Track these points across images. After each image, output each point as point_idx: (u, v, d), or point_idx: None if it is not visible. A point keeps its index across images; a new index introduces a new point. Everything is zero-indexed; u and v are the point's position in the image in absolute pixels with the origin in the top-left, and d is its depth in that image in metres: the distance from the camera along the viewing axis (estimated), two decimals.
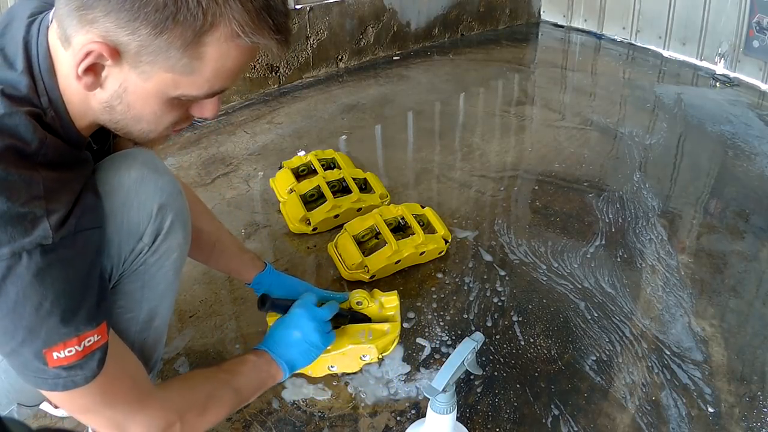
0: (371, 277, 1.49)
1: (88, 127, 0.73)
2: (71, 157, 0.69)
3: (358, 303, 1.24)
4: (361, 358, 1.19)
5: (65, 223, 0.62)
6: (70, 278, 0.63)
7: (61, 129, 0.68)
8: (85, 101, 0.68)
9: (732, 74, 3.03)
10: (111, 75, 0.64)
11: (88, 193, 0.69)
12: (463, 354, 0.94)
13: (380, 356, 1.21)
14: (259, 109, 2.53)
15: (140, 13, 0.58)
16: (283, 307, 1.08)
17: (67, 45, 0.64)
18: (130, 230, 0.78)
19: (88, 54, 0.61)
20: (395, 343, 1.25)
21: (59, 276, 0.62)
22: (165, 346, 1.28)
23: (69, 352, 0.64)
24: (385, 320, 1.24)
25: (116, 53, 0.61)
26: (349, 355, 1.18)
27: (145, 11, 0.58)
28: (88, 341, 0.65)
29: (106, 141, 0.84)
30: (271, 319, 1.20)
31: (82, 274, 0.65)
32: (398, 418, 1.14)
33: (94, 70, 0.63)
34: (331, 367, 1.20)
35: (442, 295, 1.47)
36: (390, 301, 1.26)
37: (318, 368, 1.20)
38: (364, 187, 1.83)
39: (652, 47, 3.42)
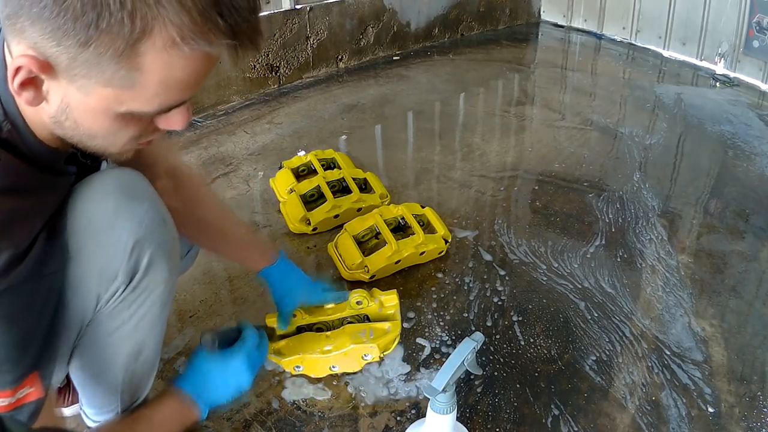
0: (371, 277, 1.49)
1: (55, 139, 0.66)
2: (32, 181, 0.63)
3: (357, 303, 1.24)
4: (362, 357, 1.19)
5: (15, 267, 0.57)
6: (7, 335, 0.58)
7: (21, 143, 0.62)
8: (37, 114, 0.62)
9: (732, 74, 3.03)
10: (52, 89, 0.58)
11: (50, 229, 0.64)
12: (463, 354, 0.94)
13: (382, 355, 1.21)
14: (259, 109, 2.53)
15: (61, 21, 0.50)
16: (228, 340, 0.98)
17: (10, 56, 0.57)
18: (102, 270, 0.72)
19: (18, 69, 0.55)
20: (396, 342, 1.25)
21: None
22: (165, 346, 1.28)
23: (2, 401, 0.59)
24: (385, 319, 1.24)
25: (48, 67, 0.54)
26: (350, 356, 1.18)
27: (65, 19, 0.50)
28: (21, 393, 0.60)
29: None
30: (270, 320, 1.20)
31: (23, 331, 0.60)
32: (398, 418, 1.14)
33: (33, 83, 0.56)
34: (333, 367, 1.20)
35: (442, 295, 1.47)
36: (389, 300, 1.26)
37: (319, 369, 1.20)
38: (364, 187, 1.83)
39: (652, 47, 3.42)
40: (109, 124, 0.61)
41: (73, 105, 0.58)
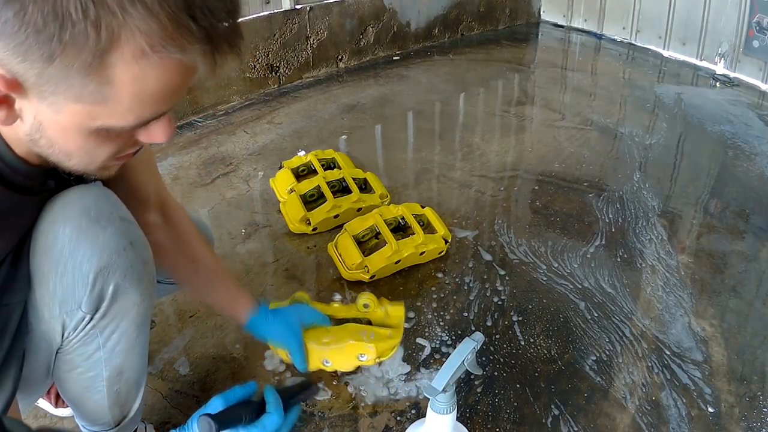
0: (371, 277, 1.49)
1: (34, 155, 0.62)
2: (2, 204, 0.61)
3: (365, 305, 1.22)
4: (358, 357, 1.16)
5: None
6: None
7: None
8: (14, 131, 0.59)
9: (732, 74, 3.03)
10: (24, 107, 0.55)
11: (16, 253, 0.62)
12: (463, 354, 0.94)
13: (378, 360, 1.18)
14: (259, 109, 2.53)
15: (23, 36, 0.47)
16: (230, 420, 0.80)
17: None
18: (65, 298, 0.69)
19: None
20: (394, 350, 1.22)
21: None
22: (165, 346, 1.29)
23: None
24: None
25: (16, 85, 0.51)
26: (347, 352, 1.16)
27: (26, 33, 0.47)
28: None
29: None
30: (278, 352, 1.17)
31: None
32: (398, 418, 1.14)
33: (5, 102, 0.53)
34: (326, 362, 1.15)
35: (442, 295, 1.47)
36: (396, 311, 1.23)
37: (311, 361, 1.14)
38: (364, 187, 1.83)
39: (652, 47, 3.42)
40: (83, 142, 0.57)
41: (45, 123, 0.56)
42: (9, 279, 0.66)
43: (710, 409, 1.17)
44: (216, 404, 0.80)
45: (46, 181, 0.70)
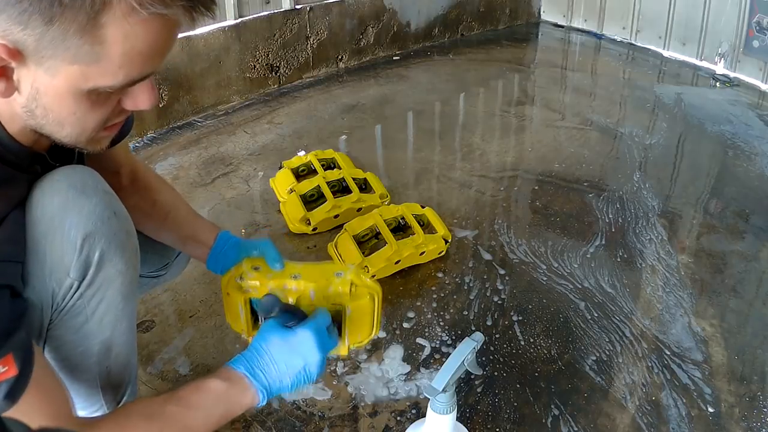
0: (371, 277, 1.49)
1: (26, 134, 0.68)
2: None
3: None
4: (334, 274, 0.97)
5: None
6: None
7: None
8: (9, 106, 0.64)
9: (732, 74, 3.03)
10: (22, 77, 0.60)
11: (9, 221, 0.65)
12: (463, 354, 0.94)
13: (357, 343, 1.01)
14: (259, 109, 2.53)
15: (26, 4, 0.53)
16: (294, 314, 0.83)
17: None
18: (53, 264, 0.73)
19: None
20: (372, 334, 1.03)
21: None
22: (166, 346, 1.29)
23: None
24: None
25: (17, 53, 0.57)
26: (320, 268, 0.98)
27: (29, 1, 0.53)
28: None
29: (69, 155, 0.79)
30: (231, 300, 0.99)
31: None
32: (398, 418, 1.14)
33: (4, 74, 0.59)
34: (295, 276, 0.95)
35: (442, 295, 1.47)
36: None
37: (278, 277, 0.96)
38: (364, 187, 1.83)
39: (652, 47, 3.42)
40: (76, 107, 0.62)
41: (42, 90, 0.60)
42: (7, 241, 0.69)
43: (710, 409, 1.17)
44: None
45: (33, 164, 0.73)
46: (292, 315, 0.83)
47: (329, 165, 1.90)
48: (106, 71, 0.59)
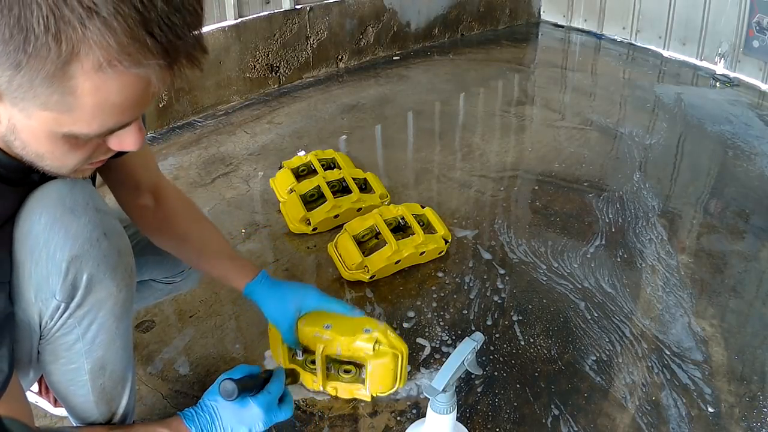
0: (371, 277, 1.49)
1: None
2: None
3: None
4: (363, 330, 1.08)
5: None
6: None
7: None
8: None
9: (732, 74, 3.03)
10: (0, 111, 0.57)
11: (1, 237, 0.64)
12: (463, 354, 0.94)
13: (377, 342, 1.08)
14: (259, 109, 2.53)
15: None
16: (246, 387, 0.89)
17: None
18: (39, 285, 0.71)
19: None
20: (398, 384, 1.15)
21: None
22: (166, 346, 1.29)
23: None
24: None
25: None
26: (350, 321, 1.09)
27: None
28: None
29: None
30: (274, 335, 1.14)
31: None
32: (398, 418, 1.14)
33: None
34: (326, 326, 1.08)
35: (442, 295, 1.47)
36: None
37: (304, 332, 1.08)
38: (364, 187, 1.83)
39: (652, 47, 3.42)
40: (53, 147, 0.60)
41: (18, 127, 0.58)
42: None
43: (710, 409, 1.17)
44: (233, 373, 0.89)
45: (29, 174, 0.71)
46: (251, 388, 0.89)
47: (329, 165, 1.90)
48: (79, 120, 0.56)
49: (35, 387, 1.11)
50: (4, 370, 0.67)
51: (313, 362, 1.12)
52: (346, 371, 1.13)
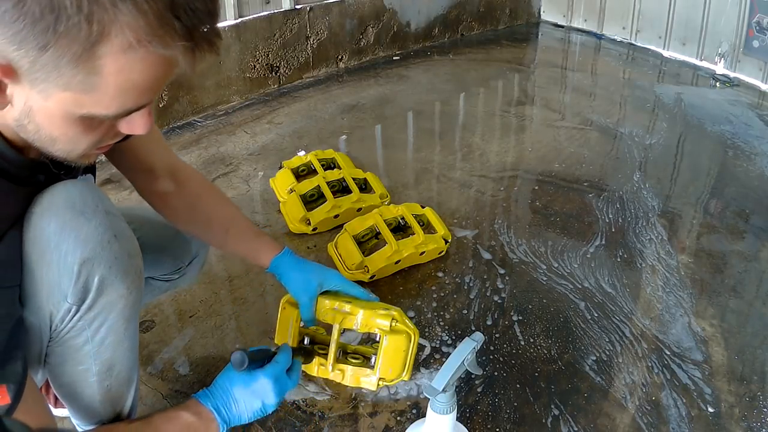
0: (371, 277, 1.49)
1: (22, 140, 0.65)
2: None
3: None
4: (378, 312, 1.12)
5: None
6: None
7: None
8: (4, 118, 0.62)
9: (732, 74, 3.03)
10: (16, 93, 0.58)
11: (5, 243, 0.64)
12: (463, 354, 0.94)
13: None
14: (259, 109, 2.54)
15: (21, 25, 0.51)
16: (260, 360, 0.94)
17: None
18: (51, 288, 0.71)
19: None
20: (406, 369, 1.17)
21: None
22: (166, 346, 1.29)
23: None
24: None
25: (11, 71, 0.55)
26: (367, 304, 1.13)
27: (24, 23, 0.51)
28: None
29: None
30: (285, 318, 1.16)
31: None
32: (398, 418, 1.14)
33: None
34: (343, 309, 1.13)
35: (442, 295, 1.47)
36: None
37: (322, 310, 1.13)
38: (364, 187, 1.83)
39: (652, 47, 3.42)
40: (68, 128, 0.61)
41: (34, 109, 0.59)
42: (3, 263, 0.67)
43: (710, 409, 1.17)
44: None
45: (35, 174, 0.71)
46: (260, 361, 0.93)
47: (329, 165, 1.90)
48: (99, 101, 0.58)
49: None
50: (18, 373, 0.67)
51: (322, 349, 1.16)
52: (355, 358, 1.17)
